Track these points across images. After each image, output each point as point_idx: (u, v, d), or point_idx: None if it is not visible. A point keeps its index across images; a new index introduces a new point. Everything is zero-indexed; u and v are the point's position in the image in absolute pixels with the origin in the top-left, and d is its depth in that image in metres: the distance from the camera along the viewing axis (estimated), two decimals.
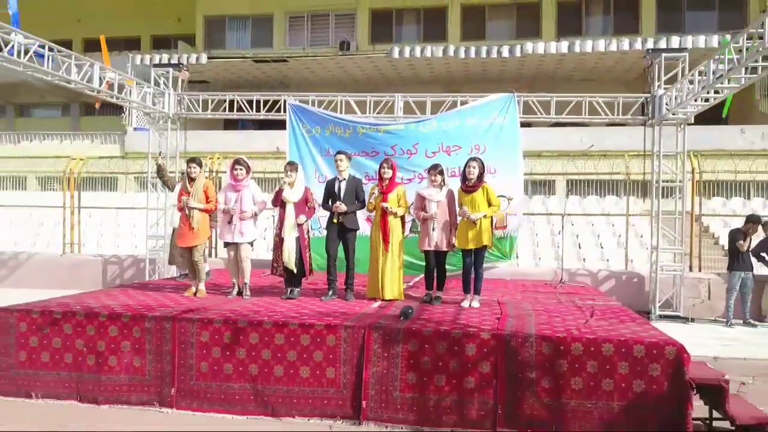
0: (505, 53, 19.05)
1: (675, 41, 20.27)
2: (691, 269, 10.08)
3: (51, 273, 11.09)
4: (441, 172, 6.50)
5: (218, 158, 12.81)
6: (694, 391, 4.60)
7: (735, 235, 8.82)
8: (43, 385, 5.51)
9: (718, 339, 7.85)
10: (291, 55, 21.50)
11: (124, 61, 22.08)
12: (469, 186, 6.36)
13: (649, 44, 20.03)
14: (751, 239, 8.80)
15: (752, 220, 8.73)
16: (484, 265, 8.77)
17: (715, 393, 4.72)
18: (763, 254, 8.84)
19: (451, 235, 6.42)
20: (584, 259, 12.06)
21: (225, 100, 11.29)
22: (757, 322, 8.82)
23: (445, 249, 6.43)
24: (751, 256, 8.80)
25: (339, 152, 6.83)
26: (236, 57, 21.73)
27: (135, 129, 20.92)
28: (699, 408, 4.95)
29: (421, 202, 6.52)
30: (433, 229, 6.40)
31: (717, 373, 4.96)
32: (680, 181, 9.33)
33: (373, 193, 6.61)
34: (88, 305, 5.92)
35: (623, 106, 9.67)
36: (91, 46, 28.30)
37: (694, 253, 10.15)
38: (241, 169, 6.69)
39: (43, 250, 12.33)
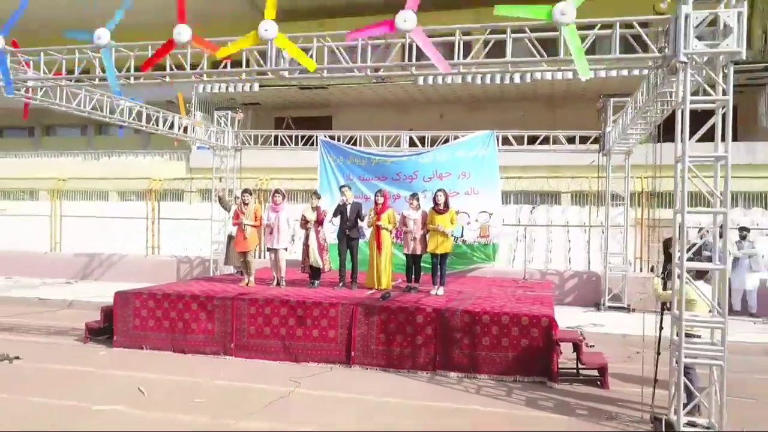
0: (517, 79, 21.41)
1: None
2: (641, 270, 12.40)
3: (137, 270, 14.30)
4: (417, 199, 9.20)
5: (267, 180, 15.86)
6: (559, 346, 7.16)
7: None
8: (150, 341, 8.50)
9: (636, 323, 10.23)
10: (330, 83, 24.42)
11: (185, 92, 25.51)
12: (439, 209, 8.98)
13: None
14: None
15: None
16: (472, 266, 11.55)
17: (576, 348, 7.26)
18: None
19: (424, 243, 9.09)
20: (550, 261, 14.47)
21: (271, 136, 14.22)
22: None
23: (419, 253, 9.12)
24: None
25: (342, 186, 9.66)
26: (287, 85, 24.81)
27: (198, 148, 24.23)
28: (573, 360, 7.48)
29: (404, 219, 9.22)
30: (412, 239, 9.09)
31: (576, 335, 7.50)
32: (623, 199, 11.73)
33: (370, 213, 9.36)
34: (177, 290, 8.88)
35: (585, 138, 12.12)
36: (158, 67, 32.12)
37: (644, 258, 12.46)
38: (279, 197, 9.57)
39: (130, 252, 15.56)
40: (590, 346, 8.21)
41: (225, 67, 7.92)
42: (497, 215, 12.14)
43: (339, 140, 13.34)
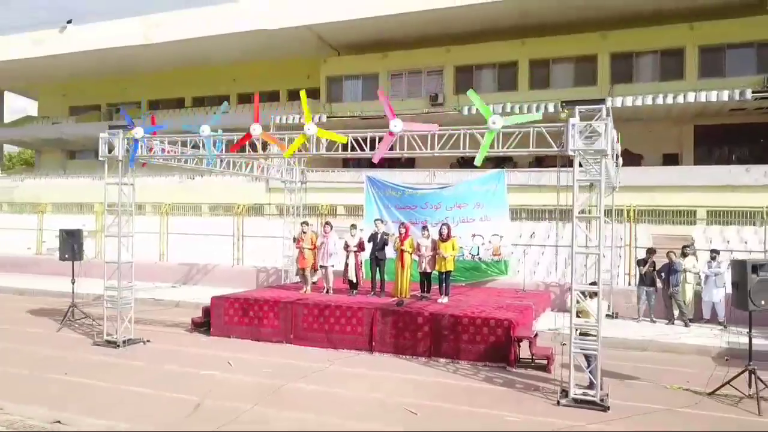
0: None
1: (715, 83, 24.28)
2: (629, 284, 14.83)
3: (226, 277, 18.07)
4: (428, 230, 12.27)
5: (327, 207, 19.33)
6: (518, 342, 10.02)
7: (638, 262, 13.60)
8: (235, 332, 12.01)
9: (615, 329, 12.79)
10: (378, 117, 27.69)
11: (268, 115, 29.47)
12: (443, 238, 11.98)
13: (693, 83, 24.21)
14: (654, 263, 13.51)
15: (649, 252, 13.50)
16: (489, 278, 14.42)
17: (529, 343, 10.10)
18: (662, 274, 13.49)
19: (432, 263, 12.13)
20: (550, 273, 17.01)
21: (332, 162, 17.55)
22: (657, 320, 13.50)
23: (429, 271, 12.17)
24: (655, 275, 13.51)
25: (376, 219, 12.86)
26: (349, 116, 28.36)
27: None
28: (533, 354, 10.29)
29: (418, 245, 12.29)
30: (424, 260, 12.15)
31: (529, 334, 10.30)
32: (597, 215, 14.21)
33: (395, 240, 12.48)
34: (254, 296, 12.38)
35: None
36: (243, 99, 36.66)
37: (631, 273, 14.87)
38: (327, 227, 12.91)
39: (221, 262, 19.40)
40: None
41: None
42: (507, 237, 14.95)
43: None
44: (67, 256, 12.99)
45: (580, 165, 8.61)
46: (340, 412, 7.78)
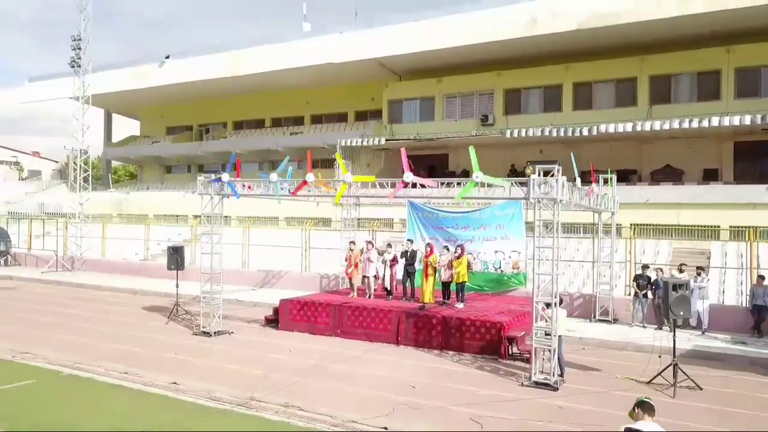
0: (602, 128, 26.04)
1: (750, 104, 25.82)
2: (628, 294, 17.23)
3: (295, 282, 21.76)
4: (448, 249, 15.32)
5: (382, 221, 22.60)
6: (508, 340, 12.93)
7: (635, 277, 16.04)
8: (297, 327, 15.55)
9: (605, 331, 15.35)
10: (441, 136, 30.75)
11: (336, 138, 33.19)
12: (457, 256, 15.00)
13: (729, 106, 25.83)
14: (648, 277, 15.91)
15: (644, 267, 15.93)
16: (510, 288, 17.22)
17: (518, 341, 12.98)
18: (653, 286, 15.87)
19: (450, 275, 15.17)
20: (571, 282, 19.46)
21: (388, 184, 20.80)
22: (648, 325, 15.89)
23: (447, 281, 15.23)
24: (648, 287, 15.93)
25: (408, 239, 16.05)
26: (405, 139, 31.57)
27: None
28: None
29: (440, 261, 15.37)
30: (443, 273, 15.22)
31: (518, 333, 13.14)
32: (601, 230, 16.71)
33: (422, 257, 15.61)
34: (311, 299, 15.88)
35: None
36: (315, 120, 40.70)
37: (631, 284, 17.25)
38: (369, 245, 16.23)
39: (291, 269, 23.13)
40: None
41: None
42: (524, 253, 17.72)
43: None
44: (173, 267, 16.98)
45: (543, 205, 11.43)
46: (361, 384, 11.05)
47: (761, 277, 15.19)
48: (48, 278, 26.23)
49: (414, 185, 13.03)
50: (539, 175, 11.21)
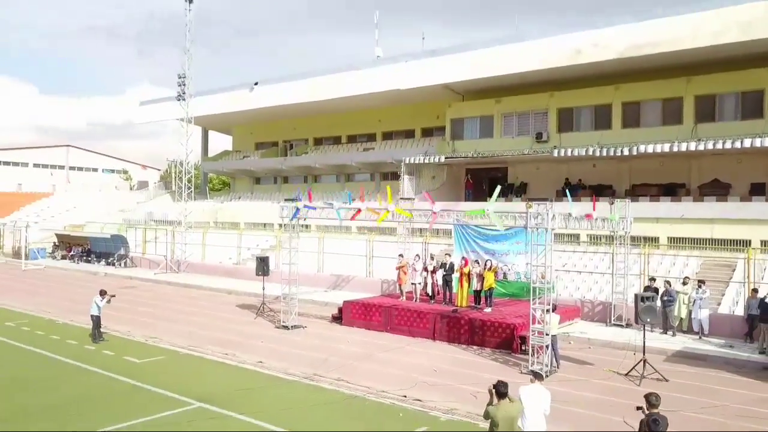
0: (641, 149, 28.07)
1: None
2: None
3: (360, 285, 25.56)
4: (478, 263, 18.57)
5: (429, 236, 25.99)
6: (520, 338, 16.06)
7: (645, 288, 18.60)
8: (357, 324, 19.31)
9: (614, 334, 18.05)
10: (498, 152, 33.60)
11: (402, 154, 36.76)
12: (488, 268, 18.23)
13: None
14: (656, 288, 18.43)
15: (651, 280, 18.48)
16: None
17: (527, 339, 16.07)
18: (661, 296, 18.36)
19: (481, 284, 18.41)
20: (590, 290, 22.01)
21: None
22: (655, 330, 18.40)
23: (479, 289, 18.48)
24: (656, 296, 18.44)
25: (447, 254, 19.40)
26: (463, 157, 34.69)
27: (401, 199, 35.32)
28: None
29: (472, 272, 18.64)
30: (476, 282, 18.48)
31: (526, 333, 16.20)
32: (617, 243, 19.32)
33: (459, 268, 18.94)
34: (368, 302, 19.59)
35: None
36: (386, 136, 44.55)
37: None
38: (417, 256, 19.73)
39: (358, 274, 26.95)
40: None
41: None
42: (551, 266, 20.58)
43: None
44: (260, 273, 21.19)
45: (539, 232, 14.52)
46: (396, 367, 14.58)
47: (755, 290, 17.40)
48: (159, 279, 31.52)
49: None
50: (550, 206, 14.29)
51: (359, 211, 17.79)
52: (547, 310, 14.43)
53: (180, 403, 11.72)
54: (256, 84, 42.75)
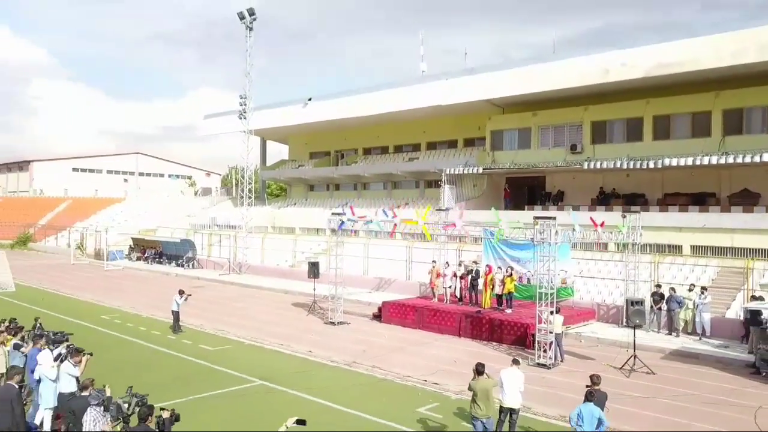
0: (666, 161, 29.82)
1: None
2: (650, 306, 21.73)
3: (400, 287, 28.37)
4: (500, 269, 21.09)
5: (464, 242, 28.53)
6: (532, 335, 18.52)
7: (652, 294, 20.66)
8: (394, 322, 22.15)
9: (622, 334, 20.20)
10: (533, 165, 35.74)
11: (443, 164, 39.31)
12: (508, 275, 20.73)
13: None
14: (662, 294, 20.47)
15: (657, 286, 20.54)
16: (561, 299, 22.62)
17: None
18: (668, 301, 20.37)
19: (502, 288, 20.92)
20: (610, 294, 24.02)
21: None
22: (661, 331, 20.43)
23: (500, 293, 21.00)
24: (662, 301, 20.51)
25: (473, 261, 21.98)
26: (500, 168, 36.98)
27: (446, 208, 37.86)
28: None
29: (495, 278, 21.17)
30: (497, 286, 21.01)
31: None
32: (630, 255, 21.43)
33: (484, 274, 21.49)
34: (403, 302, 22.39)
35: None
36: (430, 146, 47.16)
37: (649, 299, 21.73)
38: (447, 263, 22.39)
39: (398, 278, 29.75)
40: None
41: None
42: (570, 272, 22.85)
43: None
44: (311, 276, 24.31)
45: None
46: (423, 358, 17.30)
47: (753, 297, 19.25)
48: (224, 279, 35.23)
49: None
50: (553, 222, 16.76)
51: (395, 228, 20.58)
52: (552, 312, 16.84)
53: (246, 380, 14.85)
54: (309, 100, 46.20)
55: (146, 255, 45.36)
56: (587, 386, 10.22)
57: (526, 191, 40.65)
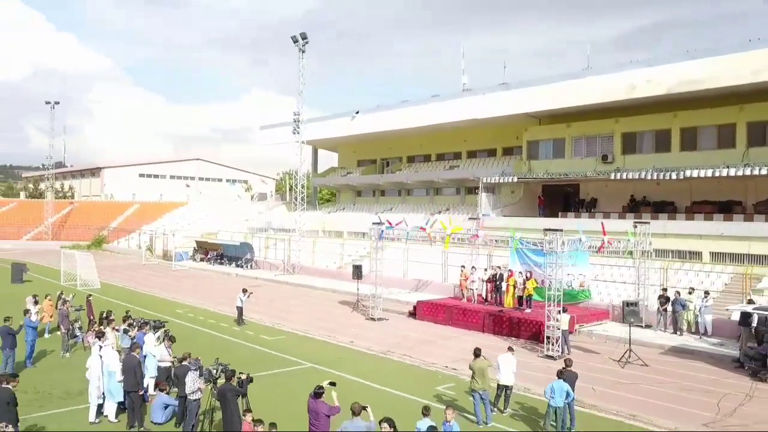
0: (687, 173, 31.69)
1: None
2: (657, 306, 23.96)
3: (436, 288, 31.27)
4: (521, 274, 23.78)
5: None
6: (543, 331, 21.18)
7: (659, 297, 22.92)
8: (427, 318, 25.13)
9: (632, 333, 22.55)
10: (565, 174, 37.99)
11: (481, 173, 41.95)
12: (527, 278, 23.40)
13: None
14: (668, 297, 22.71)
15: (663, 290, 22.80)
16: (579, 301, 25.24)
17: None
18: (673, 303, 22.59)
19: (523, 290, 23.60)
20: (620, 296, 26.23)
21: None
22: (667, 330, 22.66)
23: (521, 295, 23.68)
24: (668, 303, 22.75)
25: (497, 266, 24.75)
26: (533, 178, 39.35)
27: (483, 215, 40.48)
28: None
29: (516, 282, 23.86)
30: (519, 289, 23.69)
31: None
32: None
33: (507, 278, 24.22)
34: (434, 302, 25.34)
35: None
36: (471, 155, 49.68)
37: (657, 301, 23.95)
38: (473, 268, 25.22)
39: (434, 279, 32.63)
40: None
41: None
42: (587, 277, 25.26)
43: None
44: (355, 277, 27.54)
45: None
46: (449, 349, 20.21)
47: (750, 301, 21.31)
48: (279, 279, 38.94)
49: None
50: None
51: (422, 230, 23.55)
52: (559, 312, 19.48)
53: (298, 363, 18.17)
54: (357, 113, 49.60)
55: (209, 256, 49.70)
56: (561, 369, 12.96)
57: (561, 198, 42.79)
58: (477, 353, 13.25)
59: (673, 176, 32.33)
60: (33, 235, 68.96)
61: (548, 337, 19.53)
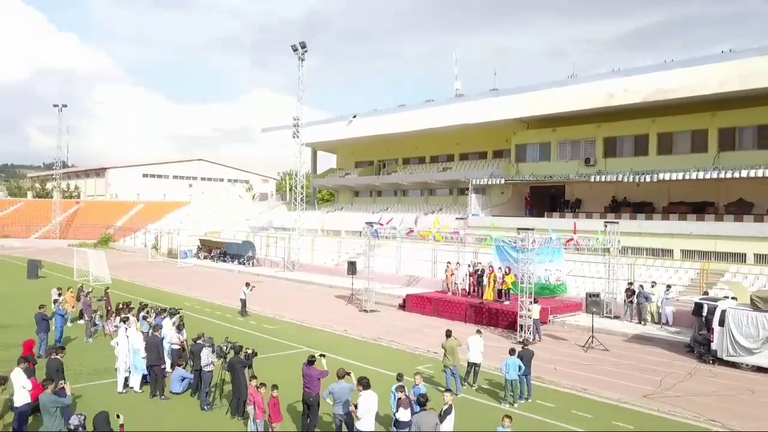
0: (661, 176, 33.98)
1: None
2: (623, 300, 26.18)
3: (427, 283, 33.50)
4: (501, 269, 25.99)
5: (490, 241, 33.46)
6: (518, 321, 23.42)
7: (626, 290, 25.13)
8: (415, 311, 27.38)
9: (598, 323, 24.78)
10: (549, 176, 40.21)
11: (472, 175, 44.18)
12: (506, 273, 25.62)
13: None
14: (634, 291, 24.93)
15: (629, 284, 25.02)
16: (556, 295, 27.49)
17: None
18: (637, 296, 24.80)
19: (502, 285, 25.83)
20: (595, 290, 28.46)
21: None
22: (632, 321, 24.88)
23: (501, 288, 25.90)
24: (633, 296, 24.97)
25: (478, 262, 26.97)
26: (520, 180, 41.58)
27: (473, 215, 42.69)
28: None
29: (496, 277, 26.08)
30: (498, 284, 25.91)
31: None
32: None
33: (488, 274, 26.44)
34: (422, 295, 27.58)
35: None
36: (463, 157, 51.95)
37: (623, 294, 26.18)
38: (458, 263, 27.45)
39: (424, 275, 34.83)
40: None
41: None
42: (563, 271, 27.47)
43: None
44: (350, 273, 29.78)
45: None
46: (432, 337, 22.34)
47: (705, 293, 23.53)
48: (279, 275, 41.18)
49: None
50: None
51: (411, 231, 25.79)
52: (531, 302, 21.70)
53: (296, 347, 20.41)
54: (354, 117, 51.83)
55: (212, 254, 51.94)
56: (514, 347, 15.20)
57: (548, 199, 44.99)
58: (448, 334, 15.47)
59: (649, 179, 34.50)
60: (41, 233, 71.28)
61: (521, 326, 21.73)
